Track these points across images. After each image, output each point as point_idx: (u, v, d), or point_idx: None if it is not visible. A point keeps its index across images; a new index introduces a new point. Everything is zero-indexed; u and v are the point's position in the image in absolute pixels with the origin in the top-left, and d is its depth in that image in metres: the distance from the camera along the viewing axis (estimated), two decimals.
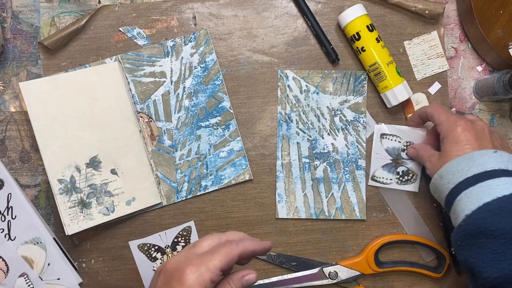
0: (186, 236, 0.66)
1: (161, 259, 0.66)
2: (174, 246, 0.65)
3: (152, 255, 0.66)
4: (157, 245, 0.66)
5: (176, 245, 0.65)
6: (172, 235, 0.66)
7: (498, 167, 0.51)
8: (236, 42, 0.68)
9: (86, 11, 0.68)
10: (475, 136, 0.55)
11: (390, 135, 0.66)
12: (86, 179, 0.63)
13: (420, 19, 0.68)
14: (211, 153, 0.66)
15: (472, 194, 0.51)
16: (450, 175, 0.54)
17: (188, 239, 0.66)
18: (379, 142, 0.65)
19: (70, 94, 0.64)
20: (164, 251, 0.66)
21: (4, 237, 0.63)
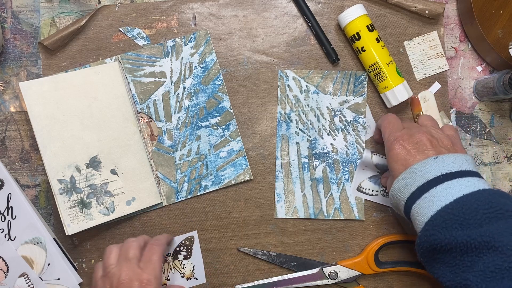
0: (189, 246, 0.66)
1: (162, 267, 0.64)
2: (175, 255, 0.65)
3: None
4: None
5: (178, 254, 0.66)
6: (174, 244, 0.66)
7: (440, 173, 0.50)
8: (236, 42, 0.68)
9: (86, 11, 0.68)
10: (416, 149, 0.53)
11: (379, 154, 0.65)
12: (86, 179, 0.63)
13: (420, 19, 0.68)
14: (211, 153, 0.66)
15: (420, 208, 0.50)
16: (398, 193, 0.53)
17: (190, 249, 0.65)
18: (370, 158, 0.64)
19: (70, 94, 0.64)
20: (165, 259, 0.66)
21: (4, 237, 0.63)
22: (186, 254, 0.65)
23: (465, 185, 0.48)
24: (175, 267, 0.65)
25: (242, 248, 0.66)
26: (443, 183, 0.49)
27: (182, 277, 0.65)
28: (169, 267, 0.65)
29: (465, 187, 0.48)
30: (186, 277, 0.65)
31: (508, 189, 0.68)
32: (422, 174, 0.51)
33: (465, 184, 0.49)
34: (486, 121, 0.69)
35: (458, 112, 0.69)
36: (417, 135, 0.55)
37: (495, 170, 0.68)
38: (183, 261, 0.65)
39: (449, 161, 0.51)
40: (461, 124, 0.69)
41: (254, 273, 0.66)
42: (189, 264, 0.65)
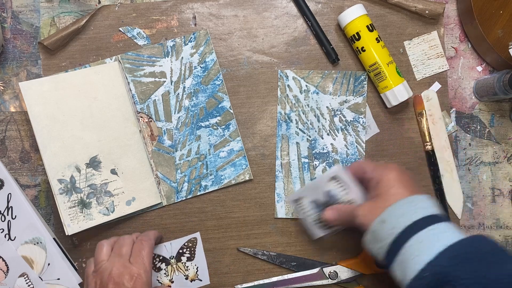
0: (192, 247, 0.65)
1: (165, 270, 0.65)
2: (179, 257, 0.65)
3: (157, 265, 0.66)
4: (162, 255, 0.65)
5: (181, 256, 0.65)
6: (177, 246, 0.66)
7: (438, 212, 0.50)
8: (236, 42, 0.68)
9: (86, 11, 0.68)
10: (409, 182, 0.53)
11: (340, 182, 0.59)
12: (86, 179, 0.63)
13: (420, 19, 0.68)
14: (211, 153, 0.66)
15: (425, 238, 0.47)
16: (394, 220, 0.49)
17: (193, 251, 0.65)
18: (326, 182, 0.60)
19: (70, 94, 0.64)
20: (169, 262, 0.65)
21: (4, 237, 0.63)
22: (190, 256, 0.65)
23: (459, 229, 0.49)
24: (178, 269, 0.65)
25: (242, 248, 0.66)
26: (445, 222, 0.48)
27: (186, 279, 0.65)
28: (172, 270, 0.65)
29: (461, 230, 0.48)
30: (190, 279, 0.65)
31: (508, 189, 0.68)
32: (423, 207, 0.49)
33: (458, 228, 0.49)
34: (486, 121, 0.69)
35: (458, 112, 0.69)
36: (407, 171, 0.55)
37: (495, 170, 0.68)
38: (186, 263, 0.65)
39: (438, 204, 0.51)
40: (461, 124, 0.69)
41: (254, 273, 0.66)
42: (193, 265, 0.65)
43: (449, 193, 0.67)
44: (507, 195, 0.68)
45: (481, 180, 0.68)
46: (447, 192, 0.67)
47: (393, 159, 0.67)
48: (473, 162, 0.68)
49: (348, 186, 0.59)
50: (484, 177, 0.68)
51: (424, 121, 0.67)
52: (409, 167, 0.68)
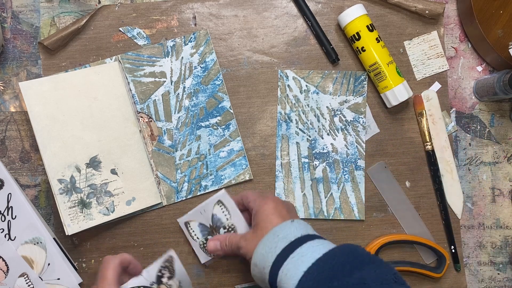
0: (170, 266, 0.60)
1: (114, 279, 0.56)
2: (159, 280, 0.59)
3: None
4: (142, 286, 0.57)
5: (161, 278, 0.59)
6: (154, 270, 0.59)
7: (300, 234, 0.50)
8: (236, 42, 0.68)
9: (86, 11, 0.68)
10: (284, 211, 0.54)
11: (224, 206, 0.61)
12: (86, 179, 0.63)
13: (420, 19, 0.68)
14: (211, 153, 0.66)
15: (288, 270, 0.48)
16: (262, 260, 0.50)
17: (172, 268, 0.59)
18: (212, 205, 0.62)
19: (70, 94, 0.64)
20: None
21: (4, 237, 0.63)
22: (170, 275, 0.59)
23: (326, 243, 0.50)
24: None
25: None
26: (306, 242, 0.49)
27: None
28: None
29: (327, 244, 0.50)
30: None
31: (508, 189, 0.68)
32: (284, 236, 0.50)
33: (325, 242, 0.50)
34: (486, 121, 0.69)
35: (458, 112, 0.69)
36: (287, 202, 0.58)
37: (495, 170, 0.68)
38: (168, 282, 0.59)
39: (303, 224, 0.52)
40: (461, 124, 0.69)
41: None
42: (175, 282, 0.60)
43: (449, 193, 0.67)
44: (507, 195, 0.68)
45: (481, 180, 0.68)
46: (447, 192, 0.67)
47: (393, 159, 0.68)
48: (473, 162, 0.68)
49: (230, 211, 0.61)
50: (484, 177, 0.68)
51: (424, 121, 0.67)
52: (409, 167, 0.68)
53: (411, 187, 0.68)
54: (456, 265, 0.67)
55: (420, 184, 0.67)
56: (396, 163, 0.68)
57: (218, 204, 0.61)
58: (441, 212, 0.67)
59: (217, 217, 0.62)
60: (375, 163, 0.68)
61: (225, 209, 0.61)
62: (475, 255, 0.68)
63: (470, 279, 0.68)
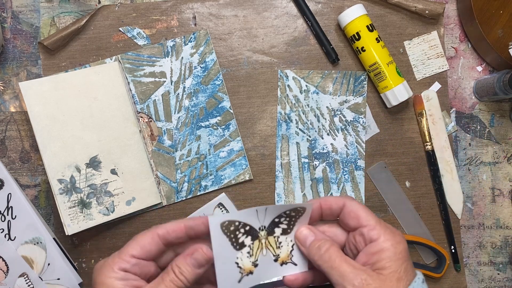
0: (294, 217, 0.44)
1: (250, 247, 0.44)
2: (272, 229, 0.44)
3: (239, 239, 0.43)
4: (249, 224, 0.43)
5: (275, 226, 0.44)
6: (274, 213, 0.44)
7: None
8: (236, 42, 0.68)
9: (86, 11, 0.68)
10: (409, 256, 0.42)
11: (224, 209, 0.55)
12: (86, 179, 0.63)
13: (420, 19, 0.68)
14: (211, 153, 0.66)
15: None
16: None
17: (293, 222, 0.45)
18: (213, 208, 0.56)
19: (70, 94, 0.64)
20: (257, 235, 0.44)
21: (4, 237, 0.63)
22: (287, 227, 0.44)
23: None
24: (267, 247, 0.45)
25: None
26: None
27: (275, 261, 0.45)
28: (260, 247, 0.44)
29: None
30: (280, 261, 0.45)
31: (508, 189, 0.68)
32: None
33: None
34: (486, 121, 0.69)
35: (458, 112, 0.69)
36: None
37: (495, 170, 0.68)
38: (279, 238, 0.44)
39: None
40: (461, 124, 0.69)
41: None
42: (287, 242, 0.45)
43: (449, 193, 0.67)
44: (507, 195, 0.68)
45: (481, 180, 0.68)
46: (447, 192, 0.67)
47: (393, 159, 0.67)
48: (473, 162, 0.68)
49: None
50: (484, 177, 0.68)
51: (424, 121, 0.67)
52: (409, 167, 0.68)
53: (411, 187, 0.68)
54: (456, 265, 0.67)
55: (420, 184, 0.67)
56: (396, 163, 0.68)
57: (219, 207, 0.61)
58: (441, 212, 0.67)
59: None
60: (375, 163, 0.68)
61: (226, 212, 0.61)
62: (475, 255, 0.68)
63: (470, 279, 0.68)
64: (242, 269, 0.43)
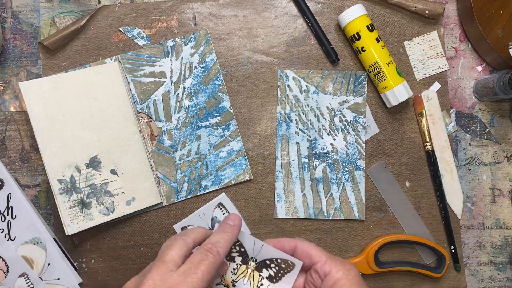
0: (284, 270, 0.48)
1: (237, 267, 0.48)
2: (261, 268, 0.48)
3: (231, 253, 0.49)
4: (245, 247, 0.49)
5: (264, 268, 0.48)
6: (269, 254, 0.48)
7: None
8: (236, 42, 0.68)
9: (86, 11, 0.68)
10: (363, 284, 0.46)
11: (225, 209, 0.61)
12: (86, 179, 0.63)
13: (420, 19, 0.68)
14: (211, 153, 0.66)
15: None
16: None
17: (281, 275, 0.48)
18: (213, 208, 0.62)
19: (70, 94, 0.64)
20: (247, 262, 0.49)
21: (4, 237, 0.63)
22: (274, 276, 0.48)
23: None
24: (250, 279, 0.49)
25: None
26: None
27: None
28: (244, 274, 0.49)
29: None
30: None
31: (508, 189, 0.68)
32: None
33: None
34: (486, 121, 0.69)
35: (458, 112, 0.69)
36: None
37: (495, 170, 0.68)
38: (263, 280, 0.48)
39: None
40: (461, 124, 0.69)
41: None
42: None
43: (449, 193, 0.67)
44: (507, 195, 0.68)
45: (481, 180, 0.68)
46: (447, 192, 0.67)
47: (393, 159, 0.68)
48: (473, 162, 0.68)
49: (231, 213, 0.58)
50: (484, 177, 0.68)
51: (424, 121, 0.67)
52: (409, 167, 0.68)
53: (411, 187, 0.68)
54: (456, 265, 0.67)
55: (420, 184, 0.67)
56: (396, 163, 0.68)
57: (219, 207, 0.62)
58: (441, 212, 0.67)
59: (217, 220, 0.62)
60: (375, 163, 0.68)
61: (226, 211, 0.62)
62: (475, 255, 0.68)
63: (470, 279, 0.68)
64: (223, 279, 0.48)
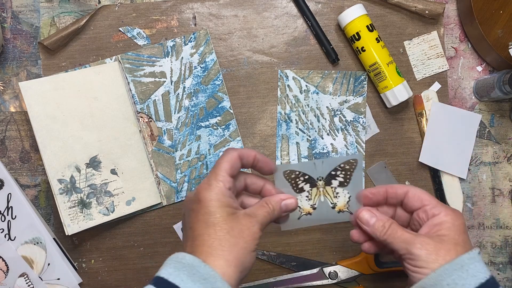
0: (349, 171, 0.51)
1: (309, 192, 0.52)
2: (329, 180, 0.51)
3: (299, 185, 0.52)
4: (308, 174, 0.51)
5: (332, 178, 0.51)
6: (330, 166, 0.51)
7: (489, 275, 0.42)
8: (236, 42, 0.68)
9: (86, 11, 0.68)
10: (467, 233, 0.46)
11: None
12: (86, 179, 0.63)
13: (420, 19, 0.68)
14: (211, 153, 0.66)
15: None
16: None
17: (349, 176, 0.51)
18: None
19: (70, 94, 0.64)
20: (315, 183, 0.52)
21: (4, 237, 0.63)
22: (343, 180, 0.52)
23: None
24: (325, 195, 0.52)
25: None
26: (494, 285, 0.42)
27: (333, 208, 0.52)
28: (318, 194, 0.52)
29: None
30: (337, 209, 0.52)
31: (508, 189, 0.68)
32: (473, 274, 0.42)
33: None
34: (486, 121, 0.69)
35: None
36: None
37: (495, 170, 0.68)
38: (336, 189, 0.52)
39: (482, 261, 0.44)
40: None
41: (254, 273, 0.66)
42: (345, 193, 0.52)
43: (449, 193, 0.67)
44: (507, 195, 0.68)
45: (481, 180, 0.68)
46: (447, 192, 0.67)
47: (393, 159, 0.67)
48: (473, 162, 0.68)
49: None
50: (484, 177, 0.68)
51: (424, 121, 0.67)
52: (409, 167, 0.68)
53: None
54: None
55: (420, 184, 0.67)
56: (396, 163, 0.68)
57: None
58: None
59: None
60: (375, 163, 0.68)
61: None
62: None
63: None
64: (301, 209, 0.52)
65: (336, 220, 0.53)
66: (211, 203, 0.43)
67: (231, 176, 0.45)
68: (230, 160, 0.46)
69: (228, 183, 0.45)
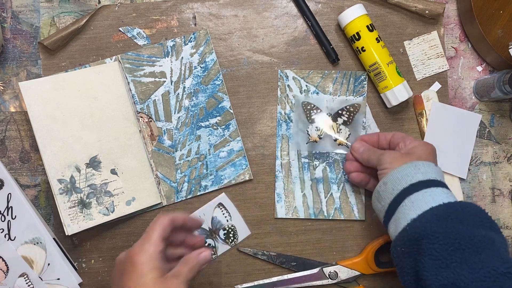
0: (353, 112, 0.65)
1: (318, 123, 0.65)
2: (335, 117, 0.65)
3: (311, 116, 0.65)
4: (320, 109, 0.65)
5: (338, 116, 0.66)
6: (339, 105, 0.64)
7: (439, 178, 0.53)
8: (236, 42, 0.68)
9: (86, 11, 0.68)
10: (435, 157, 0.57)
11: (225, 209, 0.65)
12: (86, 179, 0.63)
13: (420, 19, 0.68)
14: (211, 153, 0.67)
15: (417, 199, 0.51)
16: (394, 182, 0.53)
17: (352, 116, 0.65)
18: (213, 208, 0.65)
19: (70, 94, 0.64)
20: (324, 118, 0.65)
21: (4, 237, 0.63)
22: (347, 120, 0.65)
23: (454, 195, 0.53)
24: (330, 128, 0.66)
25: (242, 248, 0.66)
26: (440, 187, 0.52)
27: (335, 141, 0.66)
28: (325, 126, 0.66)
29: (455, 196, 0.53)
30: (338, 142, 0.66)
31: (508, 189, 0.68)
32: (424, 172, 0.53)
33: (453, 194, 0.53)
34: (486, 121, 0.69)
35: None
36: None
37: (495, 170, 0.68)
38: (340, 126, 0.65)
39: (442, 174, 0.55)
40: None
41: (254, 273, 0.66)
42: (346, 131, 0.66)
43: None
44: (507, 195, 0.68)
45: (481, 180, 0.68)
46: None
47: None
48: (473, 162, 0.68)
49: (231, 213, 0.65)
50: (484, 177, 0.68)
51: (424, 121, 0.67)
52: None
53: None
54: None
55: None
56: None
57: (219, 207, 0.64)
58: None
59: (217, 220, 0.64)
60: None
61: (226, 211, 0.65)
62: None
63: None
64: (310, 136, 0.66)
65: (334, 151, 0.66)
66: (143, 266, 0.48)
67: (162, 240, 0.50)
68: (161, 225, 0.50)
69: (159, 246, 0.49)
